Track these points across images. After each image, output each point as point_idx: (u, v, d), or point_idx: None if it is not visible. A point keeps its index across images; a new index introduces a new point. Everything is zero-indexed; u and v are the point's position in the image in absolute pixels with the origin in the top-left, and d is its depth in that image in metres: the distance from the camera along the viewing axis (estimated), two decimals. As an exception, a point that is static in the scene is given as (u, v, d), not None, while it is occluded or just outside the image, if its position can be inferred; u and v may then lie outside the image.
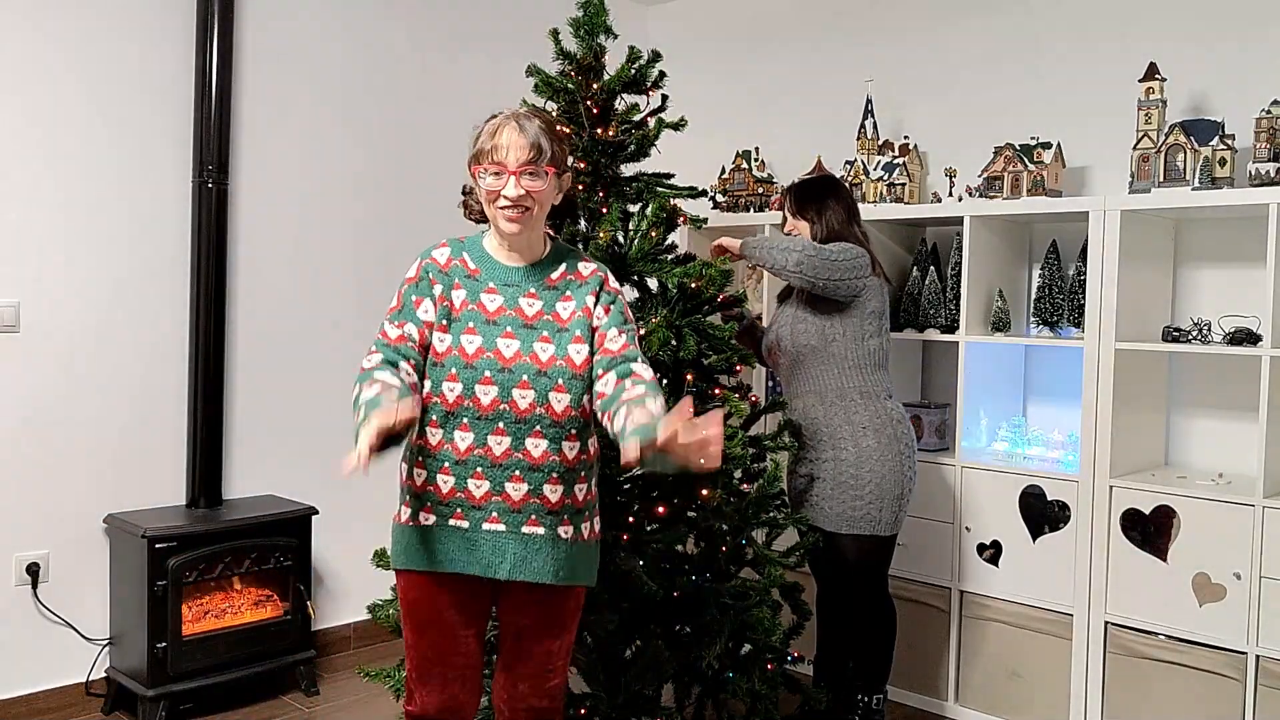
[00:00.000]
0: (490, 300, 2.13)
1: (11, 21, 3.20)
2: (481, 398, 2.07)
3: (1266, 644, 2.89)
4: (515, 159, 2.06)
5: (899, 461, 2.98)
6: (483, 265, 2.17)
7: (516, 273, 2.16)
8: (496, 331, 2.10)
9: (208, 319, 3.52)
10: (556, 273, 2.18)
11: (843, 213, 3.09)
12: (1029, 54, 3.72)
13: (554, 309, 2.14)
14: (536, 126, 2.09)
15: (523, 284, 2.15)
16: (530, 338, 2.10)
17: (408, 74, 4.12)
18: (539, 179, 2.09)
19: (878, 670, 3.12)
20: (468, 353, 2.08)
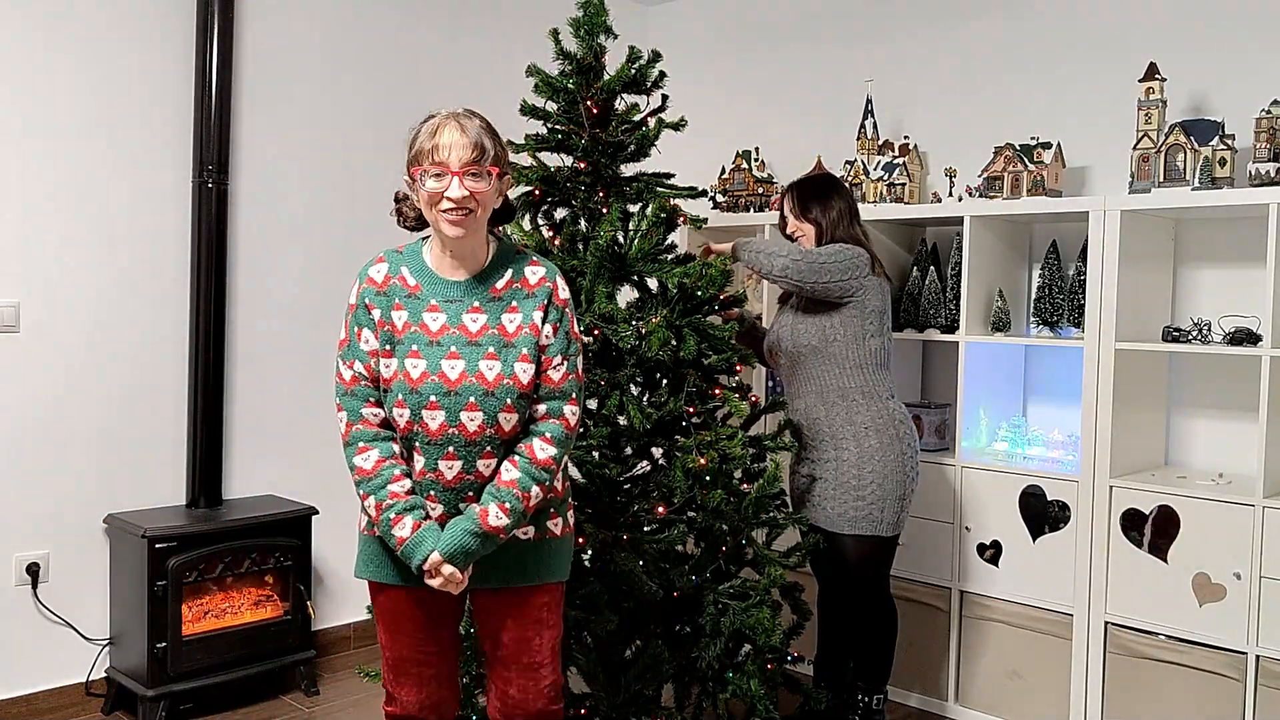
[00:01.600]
0: (433, 319, 2.07)
1: (11, 22, 3.20)
2: (430, 423, 2.04)
3: (1266, 644, 2.89)
4: (458, 159, 2.01)
5: (901, 461, 2.98)
6: (423, 280, 2.10)
7: (458, 287, 2.10)
8: (440, 353, 2.05)
9: (208, 319, 3.52)
10: (502, 280, 2.12)
11: (844, 212, 3.09)
12: (1029, 54, 3.72)
13: (499, 322, 2.08)
14: (478, 125, 2.05)
15: (465, 298, 2.09)
16: (475, 355, 2.05)
17: (408, 73, 4.12)
18: (482, 179, 2.03)
19: (878, 671, 3.12)
20: (412, 377, 2.04)
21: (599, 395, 2.74)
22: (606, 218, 2.75)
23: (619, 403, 2.69)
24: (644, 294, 2.89)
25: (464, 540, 2.03)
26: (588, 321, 2.71)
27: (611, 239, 2.75)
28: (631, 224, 2.85)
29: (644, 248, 2.77)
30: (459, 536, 2.04)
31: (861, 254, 3.00)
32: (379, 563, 2.16)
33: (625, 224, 2.85)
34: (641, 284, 2.89)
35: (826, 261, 2.94)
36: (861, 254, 3.00)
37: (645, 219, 2.81)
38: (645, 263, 2.77)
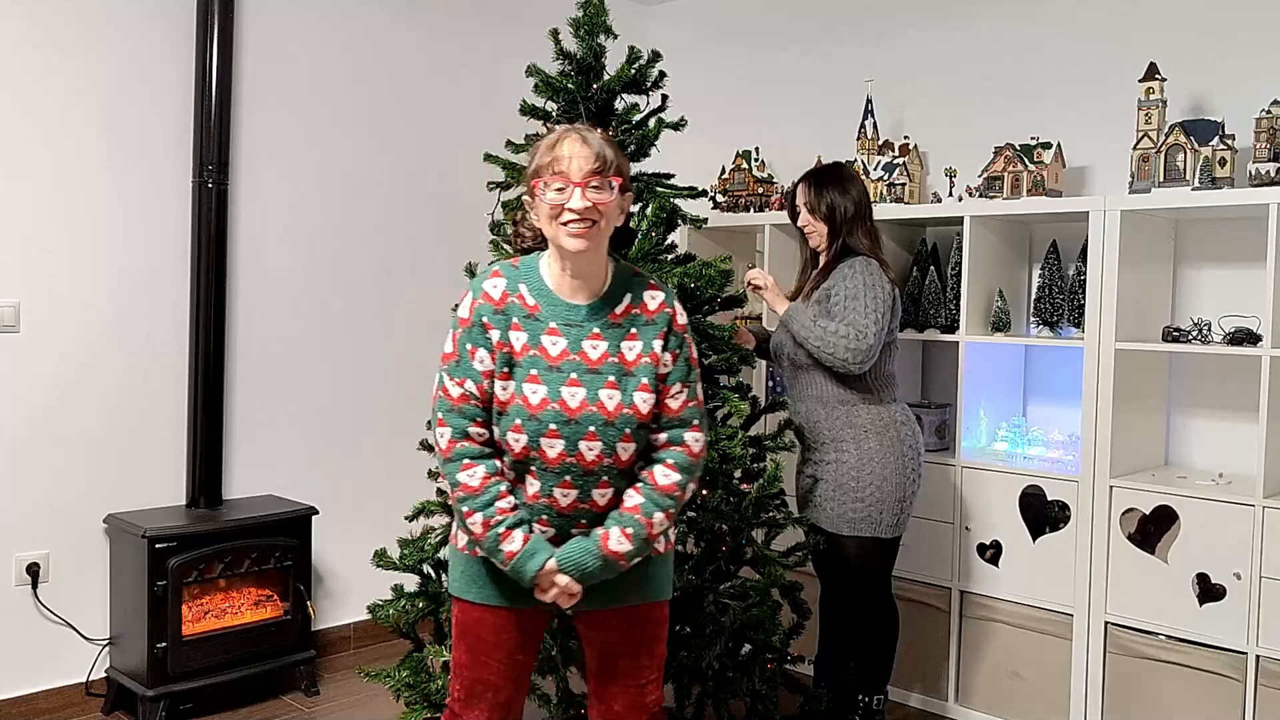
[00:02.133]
0: (552, 344, 1.99)
1: (11, 22, 3.20)
2: (548, 450, 1.98)
3: (1266, 644, 2.89)
4: (579, 169, 1.95)
5: (901, 464, 2.97)
6: (542, 301, 2.02)
7: (579, 311, 2.02)
8: (561, 379, 1.98)
9: (208, 319, 3.51)
10: (621, 306, 2.04)
11: (859, 210, 3.02)
12: (1029, 54, 3.72)
13: (619, 350, 2.02)
14: (599, 137, 2.00)
15: (586, 324, 2.02)
16: (596, 384, 1.99)
17: (408, 73, 4.12)
18: (604, 190, 1.97)
19: (879, 672, 3.12)
20: (531, 403, 1.97)
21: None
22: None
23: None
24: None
25: (582, 558, 2.00)
26: None
27: (611, 239, 2.75)
28: (632, 224, 2.85)
29: (644, 248, 2.77)
30: (578, 553, 2.00)
31: (884, 291, 2.92)
32: (480, 582, 2.09)
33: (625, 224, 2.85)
34: (642, 284, 2.88)
35: (875, 344, 2.88)
36: (884, 291, 2.92)
37: (645, 219, 2.81)
38: (645, 263, 2.77)
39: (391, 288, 4.11)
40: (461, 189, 4.16)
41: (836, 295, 2.95)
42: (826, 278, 3.00)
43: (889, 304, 2.93)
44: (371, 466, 4.04)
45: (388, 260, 4.09)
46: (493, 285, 2.03)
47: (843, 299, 2.93)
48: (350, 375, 4.00)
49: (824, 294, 2.99)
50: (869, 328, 2.88)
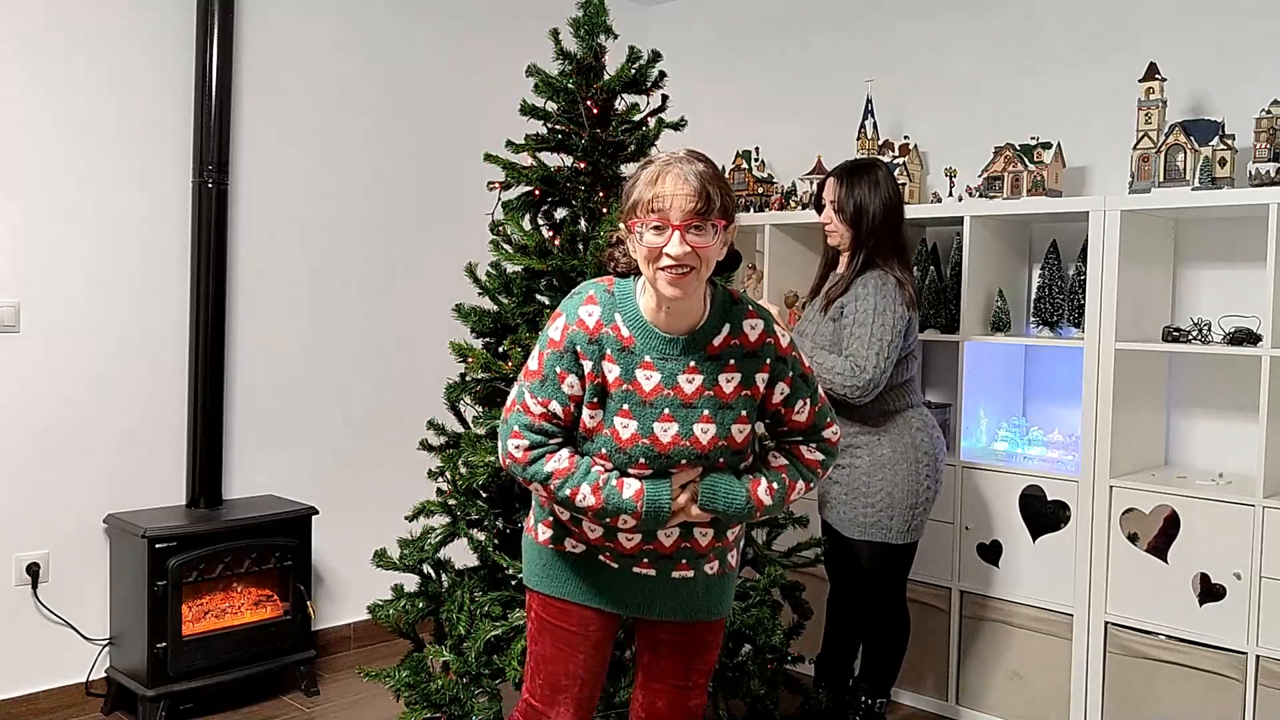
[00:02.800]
0: (646, 379, 1.91)
1: (11, 23, 3.20)
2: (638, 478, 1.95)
3: (1266, 644, 2.89)
4: (680, 209, 1.82)
5: (914, 470, 2.94)
6: (637, 333, 1.92)
7: (675, 345, 1.92)
8: (653, 415, 1.91)
9: (208, 319, 3.51)
10: (719, 338, 1.95)
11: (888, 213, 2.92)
12: (1029, 54, 3.72)
13: (716, 383, 1.93)
14: (700, 171, 1.87)
15: (683, 357, 1.92)
16: (690, 419, 1.92)
17: (409, 73, 4.12)
18: (706, 233, 1.84)
19: (884, 675, 3.11)
20: (621, 437, 1.92)
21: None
22: (606, 218, 2.75)
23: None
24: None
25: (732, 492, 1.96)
26: None
27: (611, 239, 2.75)
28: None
29: (644, 248, 2.77)
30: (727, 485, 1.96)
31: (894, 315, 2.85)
32: (561, 578, 2.07)
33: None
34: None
35: (875, 378, 2.83)
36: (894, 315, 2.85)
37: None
38: (645, 263, 2.77)
39: (391, 288, 4.11)
40: (461, 189, 4.16)
41: (848, 315, 2.90)
42: (845, 290, 2.94)
43: (899, 328, 2.85)
44: (371, 466, 4.04)
45: (388, 260, 4.09)
46: (588, 313, 1.94)
47: (851, 323, 2.88)
48: (350, 375, 4.00)
49: (838, 310, 2.94)
50: (869, 359, 2.82)
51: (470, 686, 2.75)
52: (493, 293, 2.86)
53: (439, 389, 2.96)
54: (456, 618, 2.73)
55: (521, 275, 2.83)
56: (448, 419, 2.97)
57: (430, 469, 2.95)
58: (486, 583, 2.82)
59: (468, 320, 2.86)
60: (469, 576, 2.83)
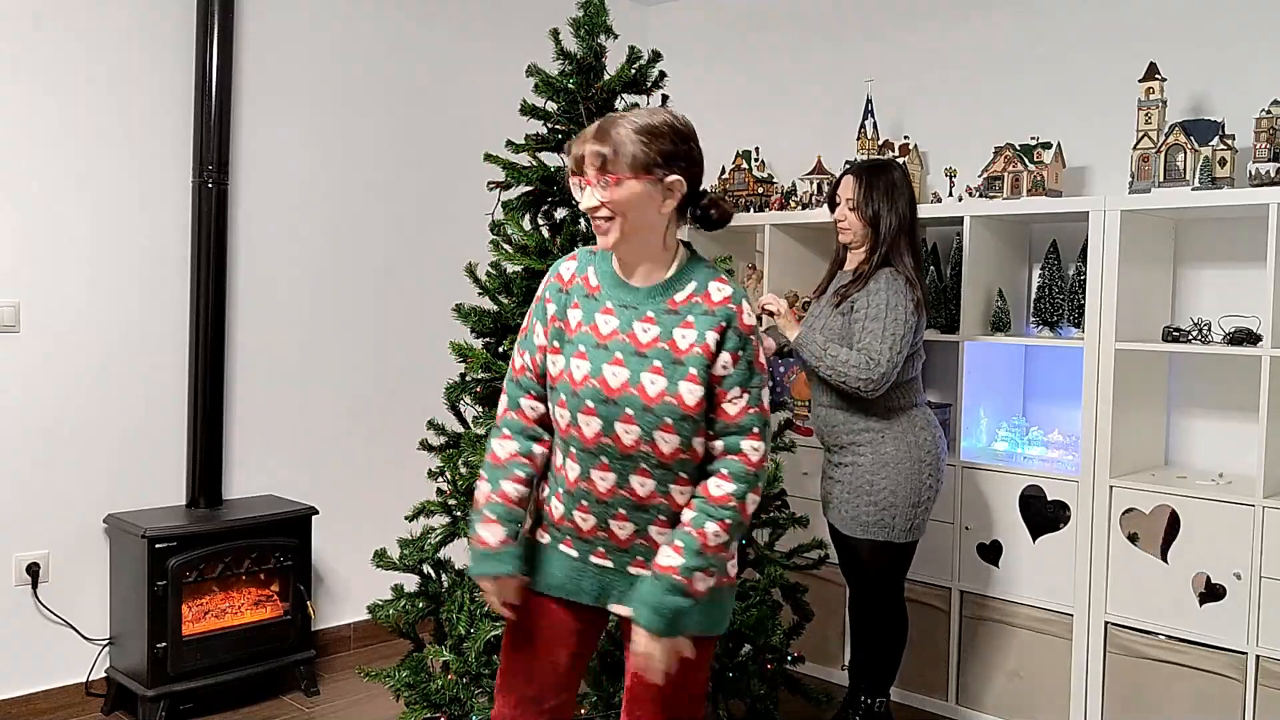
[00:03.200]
0: (605, 322, 1.96)
1: (12, 23, 3.20)
2: (584, 429, 1.94)
3: (1266, 644, 2.89)
4: (587, 164, 1.92)
5: (917, 469, 2.94)
6: (604, 282, 2.00)
7: (637, 294, 1.97)
8: (606, 357, 1.94)
9: (208, 318, 3.52)
10: (683, 294, 1.96)
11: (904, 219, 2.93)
12: (1029, 54, 3.72)
13: (671, 336, 1.93)
14: (611, 127, 1.91)
15: (641, 306, 1.96)
16: (641, 366, 1.92)
17: (409, 73, 4.12)
18: (608, 189, 1.90)
19: (883, 674, 3.10)
20: (575, 378, 1.95)
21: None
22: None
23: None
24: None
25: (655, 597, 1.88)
26: None
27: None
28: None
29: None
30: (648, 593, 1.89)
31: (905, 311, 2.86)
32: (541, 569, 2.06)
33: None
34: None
35: (888, 372, 2.83)
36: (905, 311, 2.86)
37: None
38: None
39: (391, 287, 4.11)
40: (461, 189, 4.16)
41: (859, 310, 2.90)
42: (860, 286, 2.93)
43: (910, 325, 2.86)
44: (371, 466, 4.04)
45: (388, 260, 4.09)
46: (566, 267, 2.06)
47: (863, 318, 2.88)
48: (350, 375, 4.00)
49: (849, 305, 2.94)
50: (883, 354, 2.83)
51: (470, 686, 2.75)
52: (493, 293, 2.86)
53: (439, 389, 2.96)
54: (456, 618, 2.73)
55: (521, 275, 2.83)
56: (448, 419, 2.97)
57: (430, 469, 2.95)
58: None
59: (468, 320, 2.86)
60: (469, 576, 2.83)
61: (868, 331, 2.87)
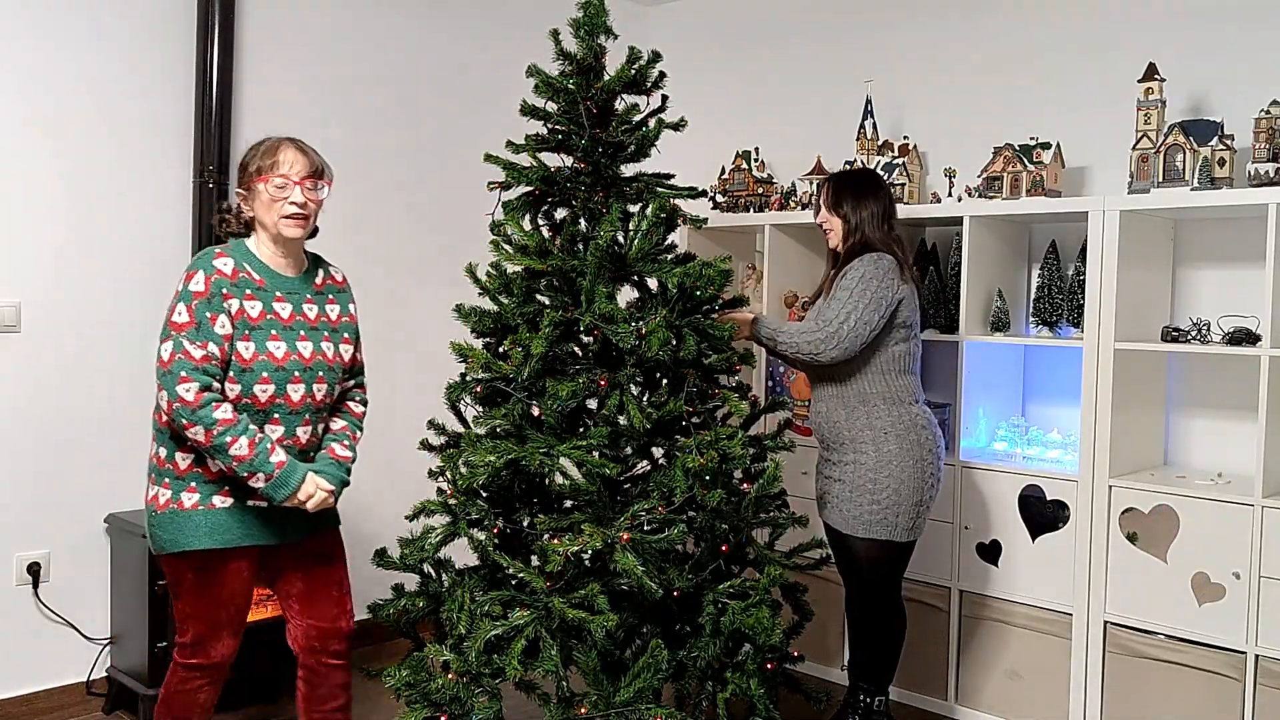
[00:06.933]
0: (282, 309, 2.46)
1: (12, 22, 3.20)
2: (292, 395, 2.44)
3: (1266, 644, 2.89)
4: (298, 171, 2.43)
5: (919, 467, 2.94)
6: (266, 276, 2.46)
7: (293, 283, 2.51)
8: (294, 336, 2.45)
9: (208, 319, 3.52)
10: (319, 279, 2.58)
11: (878, 213, 2.99)
12: (1029, 54, 3.72)
13: (324, 311, 2.55)
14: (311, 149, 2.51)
15: (300, 292, 2.51)
16: (317, 338, 2.50)
17: (409, 73, 4.12)
18: (317, 191, 2.49)
19: (882, 673, 3.11)
20: (276, 356, 2.41)
21: (599, 395, 2.74)
22: (606, 218, 2.75)
23: (619, 402, 2.69)
24: (644, 294, 2.89)
25: (333, 469, 2.52)
26: (588, 321, 2.71)
27: (611, 239, 2.76)
28: (631, 224, 2.86)
29: (644, 248, 2.77)
30: (329, 465, 2.52)
31: (879, 285, 2.88)
32: (220, 529, 2.41)
33: (625, 224, 2.85)
34: (641, 284, 2.89)
35: (839, 330, 2.85)
36: (879, 285, 2.88)
37: (645, 219, 2.81)
38: (645, 263, 2.77)
39: (391, 287, 4.11)
40: (461, 189, 4.16)
41: (833, 289, 2.96)
42: (842, 272, 2.96)
43: (883, 298, 2.87)
44: (371, 466, 4.04)
45: (387, 260, 4.09)
46: (223, 263, 2.41)
47: (835, 291, 2.94)
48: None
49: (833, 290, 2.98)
50: (836, 318, 2.86)
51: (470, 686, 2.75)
52: (493, 293, 2.87)
53: (439, 389, 2.96)
54: (456, 617, 2.73)
55: (521, 275, 2.83)
56: (448, 419, 2.97)
57: (430, 469, 2.95)
58: (486, 582, 2.82)
59: (468, 320, 2.87)
60: (469, 576, 2.83)
61: (830, 304, 2.91)
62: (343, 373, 2.58)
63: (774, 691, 2.86)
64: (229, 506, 2.44)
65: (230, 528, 2.43)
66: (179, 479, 2.43)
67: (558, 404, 2.69)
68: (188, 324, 2.36)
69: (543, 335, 2.67)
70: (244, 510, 2.45)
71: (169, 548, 2.43)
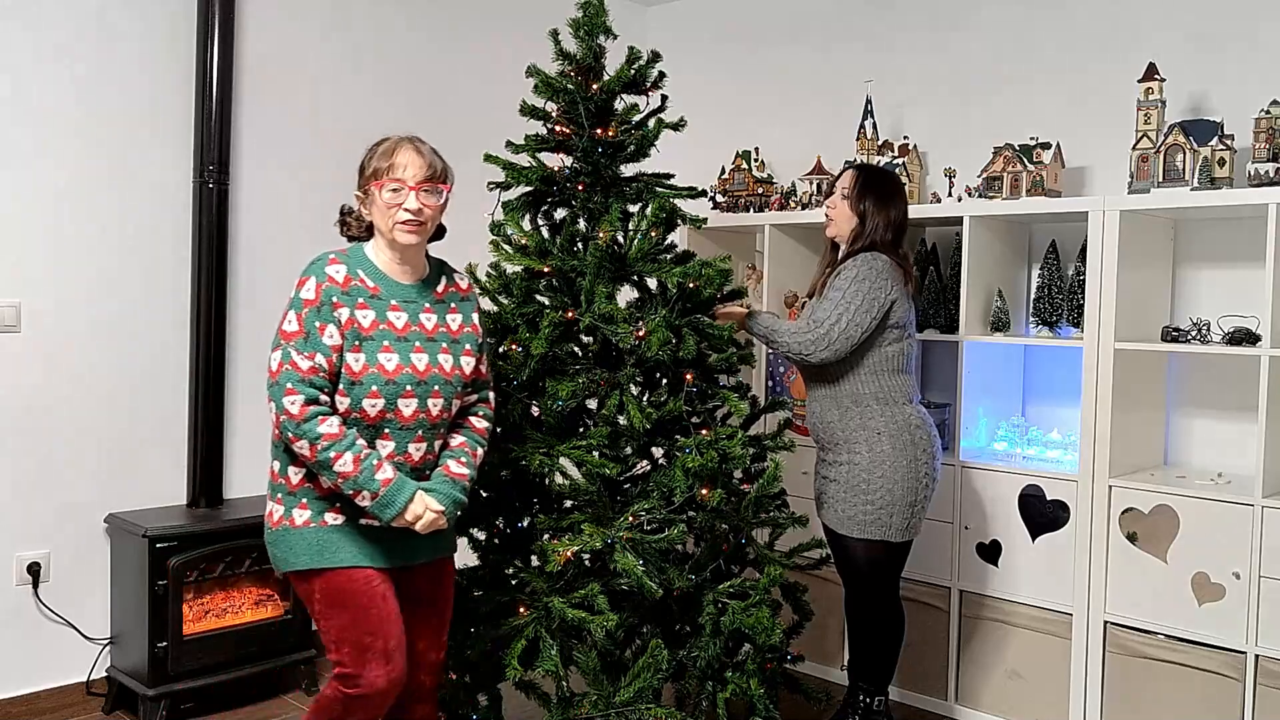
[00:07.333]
0: (397, 318, 2.31)
1: (12, 22, 3.20)
2: (404, 409, 2.27)
3: (1266, 644, 2.89)
4: (414, 175, 2.30)
5: (913, 467, 2.93)
6: (381, 283, 2.32)
7: (412, 290, 2.36)
8: (408, 347, 2.29)
9: (208, 319, 3.52)
10: (440, 286, 2.42)
11: (891, 222, 2.97)
12: (1028, 54, 3.72)
13: (445, 321, 2.39)
14: (429, 149, 2.38)
15: (419, 300, 2.36)
16: (434, 350, 2.33)
17: (409, 73, 4.12)
18: (434, 195, 2.36)
19: (881, 673, 3.11)
20: (388, 369, 2.25)
21: (599, 395, 2.74)
22: (606, 218, 2.76)
23: (619, 402, 2.69)
24: (644, 294, 2.89)
25: (448, 487, 2.33)
26: (587, 322, 2.71)
27: (611, 239, 2.76)
28: (631, 224, 2.86)
29: (644, 248, 2.77)
30: (443, 484, 2.33)
31: (871, 286, 2.86)
32: (334, 548, 2.27)
33: (625, 224, 2.86)
34: (641, 284, 2.89)
35: (830, 332, 2.85)
36: (871, 286, 2.86)
37: (645, 219, 2.81)
38: (645, 263, 2.77)
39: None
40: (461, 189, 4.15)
41: (828, 287, 2.95)
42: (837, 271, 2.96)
43: (875, 299, 2.86)
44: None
45: (388, 260, 4.09)
46: (335, 270, 2.29)
47: (827, 291, 2.94)
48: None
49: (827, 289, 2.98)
50: (828, 318, 2.86)
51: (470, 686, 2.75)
52: (493, 293, 2.87)
53: (439, 389, 2.96)
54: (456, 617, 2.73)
55: (521, 275, 2.84)
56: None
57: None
58: (486, 583, 2.82)
59: (468, 320, 2.86)
60: (469, 576, 2.83)
61: (822, 303, 2.91)
62: (463, 386, 2.39)
63: (774, 691, 2.86)
64: (340, 525, 2.28)
65: (340, 547, 2.27)
66: (291, 495, 2.29)
67: (557, 404, 2.69)
68: (296, 333, 2.24)
69: (542, 335, 2.67)
70: (356, 529, 2.28)
71: (282, 566, 2.31)
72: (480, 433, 2.46)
